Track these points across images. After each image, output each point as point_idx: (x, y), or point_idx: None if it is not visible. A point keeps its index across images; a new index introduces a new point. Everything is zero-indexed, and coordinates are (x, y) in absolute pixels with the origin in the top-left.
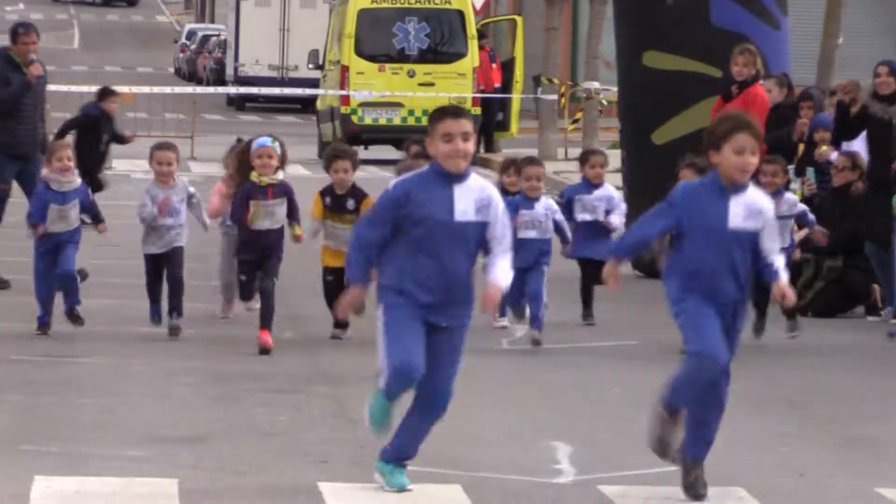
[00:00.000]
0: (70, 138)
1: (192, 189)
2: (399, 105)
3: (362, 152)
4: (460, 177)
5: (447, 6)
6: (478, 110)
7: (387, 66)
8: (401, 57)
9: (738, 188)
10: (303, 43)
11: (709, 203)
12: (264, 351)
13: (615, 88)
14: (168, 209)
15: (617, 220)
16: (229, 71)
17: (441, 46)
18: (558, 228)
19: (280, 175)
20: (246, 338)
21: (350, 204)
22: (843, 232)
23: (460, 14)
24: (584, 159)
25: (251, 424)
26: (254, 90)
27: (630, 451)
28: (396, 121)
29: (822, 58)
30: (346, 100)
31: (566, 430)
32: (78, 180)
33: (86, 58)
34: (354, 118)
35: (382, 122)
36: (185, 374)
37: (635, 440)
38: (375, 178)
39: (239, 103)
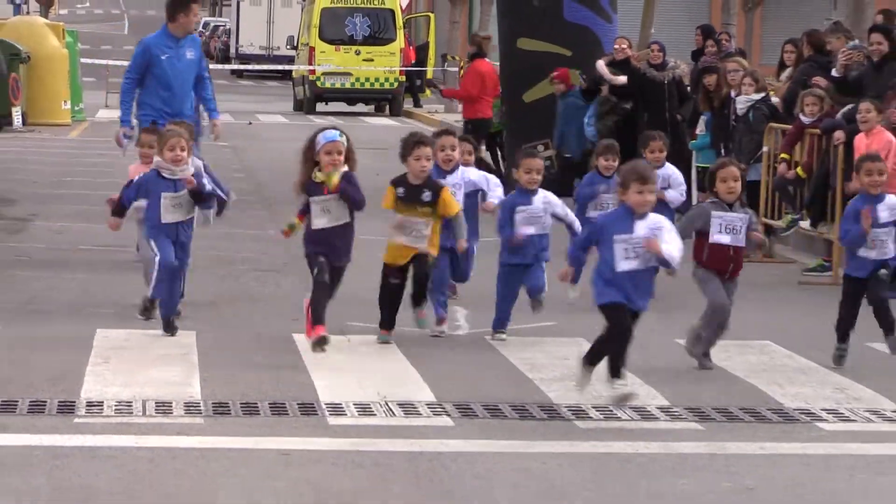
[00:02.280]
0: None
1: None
2: (349, 74)
3: (323, 106)
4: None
5: (382, 6)
6: (403, 77)
7: (341, 47)
8: (350, 41)
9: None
10: (283, 31)
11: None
12: (318, 344)
13: (498, 63)
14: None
15: (674, 194)
16: (232, 51)
17: (378, 34)
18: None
19: (340, 171)
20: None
21: (426, 195)
22: None
23: (391, 11)
24: (644, 144)
25: (244, 292)
26: (249, 66)
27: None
28: (347, 85)
29: (640, 43)
30: (313, 71)
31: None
32: (191, 168)
33: (132, 40)
34: (318, 83)
35: (338, 85)
36: (201, 260)
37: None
38: (334, 125)
39: (239, 73)
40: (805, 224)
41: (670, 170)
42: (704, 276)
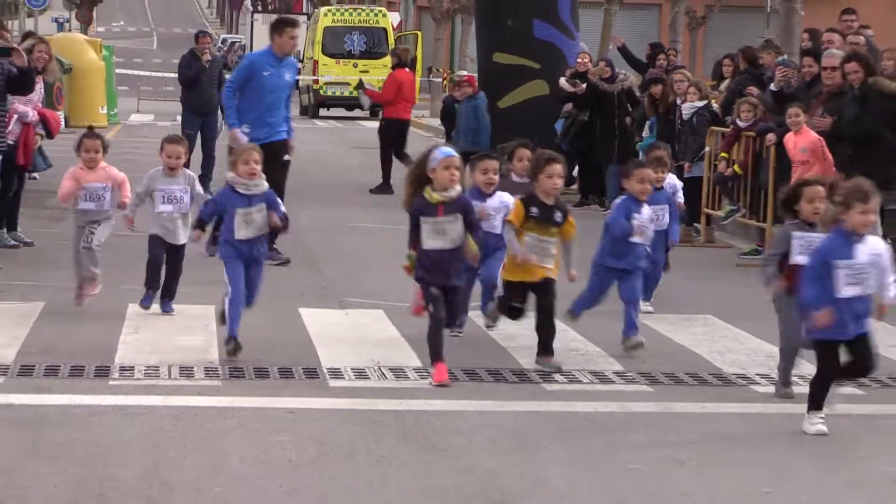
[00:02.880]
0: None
1: (198, 186)
2: (347, 84)
3: (325, 111)
4: None
5: (376, 25)
6: None
7: (341, 60)
8: (349, 55)
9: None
10: None
11: None
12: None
13: (476, 74)
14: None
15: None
16: None
17: (373, 49)
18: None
19: (455, 190)
20: None
21: (558, 216)
22: None
23: (384, 29)
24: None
25: None
26: None
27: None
28: (346, 93)
29: (600, 58)
30: (316, 81)
31: None
32: (265, 184)
33: (161, 54)
34: (321, 91)
35: (338, 94)
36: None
37: None
38: (334, 128)
39: None
40: (740, 215)
41: (673, 178)
42: (784, 306)
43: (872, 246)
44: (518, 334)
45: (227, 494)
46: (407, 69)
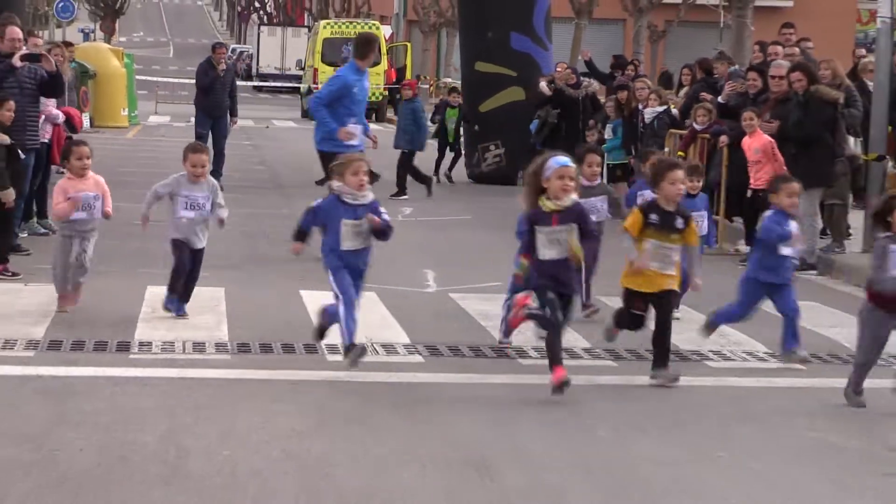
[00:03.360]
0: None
1: (220, 196)
2: None
3: None
4: None
5: None
6: (386, 92)
7: (337, 68)
8: (345, 62)
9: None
10: (293, 55)
11: None
12: (558, 388)
13: (459, 82)
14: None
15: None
16: (253, 70)
17: None
18: None
19: (570, 199)
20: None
21: (679, 223)
22: None
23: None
24: (581, 158)
25: (263, 257)
26: (267, 82)
27: (469, 273)
28: None
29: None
30: (316, 87)
31: (434, 263)
32: (371, 195)
33: (176, 62)
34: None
35: None
36: (230, 233)
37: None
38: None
39: (258, 88)
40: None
41: (606, 187)
42: (869, 319)
43: None
44: (496, 314)
45: (235, 457)
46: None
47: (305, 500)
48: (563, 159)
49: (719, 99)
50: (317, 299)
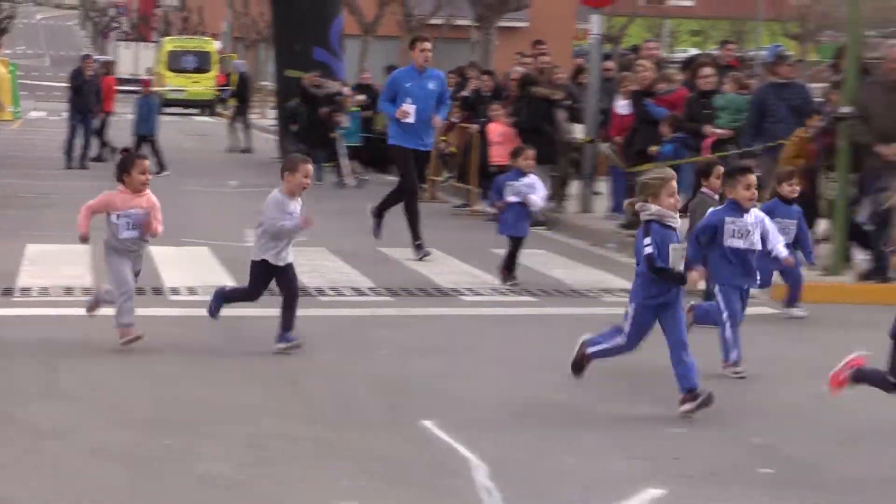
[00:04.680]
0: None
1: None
2: (184, 90)
3: (169, 110)
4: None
5: (204, 49)
6: (216, 93)
7: (179, 74)
8: (185, 70)
9: None
10: (144, 63)
11: None
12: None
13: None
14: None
15: (537, 199)
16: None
17: (202, 66)
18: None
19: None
20: None
21: None
22: None
23: (209, 52)
24: (517, 153)
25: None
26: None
27: None
28: (183, 97)
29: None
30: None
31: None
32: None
33: (52, 69)
34: (166, 96)
35: (178, 97)
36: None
37: None
38: (174, 121)
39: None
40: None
41: (534, 178)
42: None
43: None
44: (441, 271)
45: (101, 377)
46: (112, 75)
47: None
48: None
49: (463, 92)
50: (163, 252)
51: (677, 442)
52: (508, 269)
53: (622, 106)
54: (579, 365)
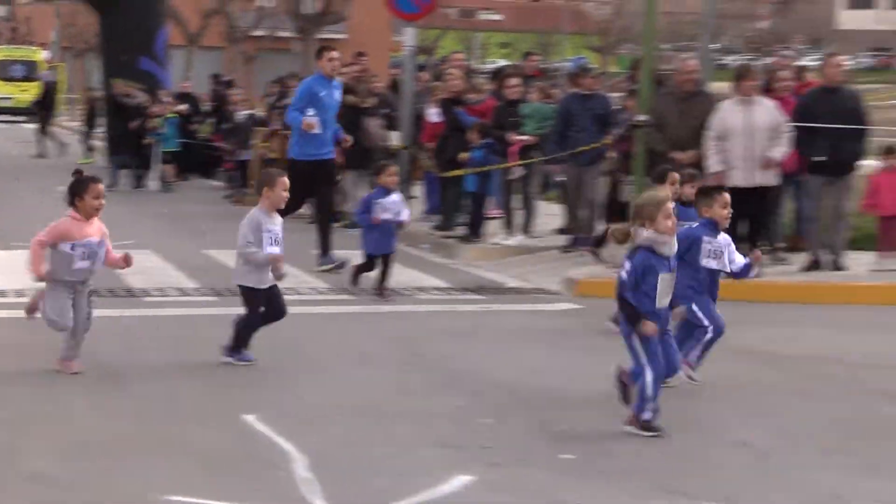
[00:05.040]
0: None
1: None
2: (12, 97)
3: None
4: None
5: (31, 59)
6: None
7: (8, 82)
8: (13, 79)
9: None
10: None
11: None
12: None
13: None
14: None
15: (408, 217)
16: None
17: (29, 75)
18: None
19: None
20: None
21: None
22: None
23: (37, 62)
24: (381, 169)
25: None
26: None
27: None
28: (10, 104)
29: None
30: None
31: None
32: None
33: None
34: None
35: (6, 105)
36: None
37: None
38: (11, 126)
39: None
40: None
41: (399, 195)
42: None
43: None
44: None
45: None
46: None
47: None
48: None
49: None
50: None
51: (486, 431)
52: (383, 286)
53: (433, 114)
54: (624, 394)
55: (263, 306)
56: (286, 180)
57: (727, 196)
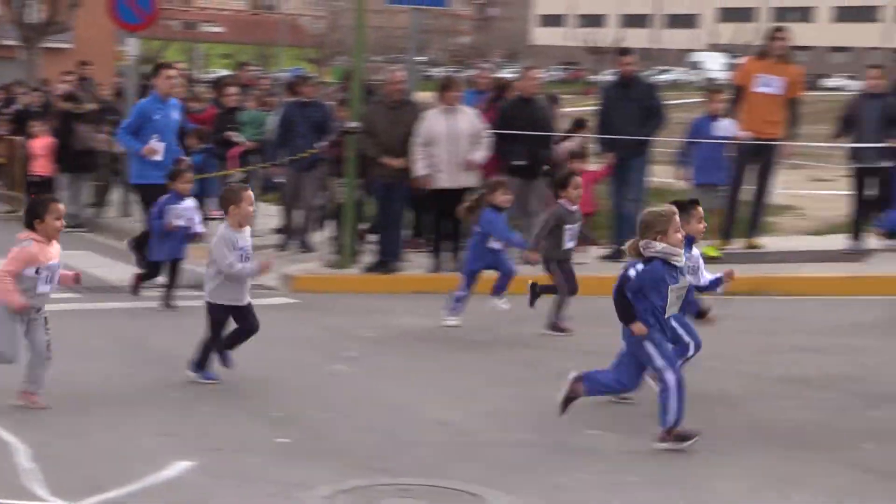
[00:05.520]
0: None
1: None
2: None
3: None
4: None
5: None
6: None
7: None
8: None
9: None
10: None
11: None
12: None
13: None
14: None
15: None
16: None
17: None
18: None
19: None
20: None
21: None
22: None
23: None
24: (175, 175)
25: None
26: None
27: None
28: None
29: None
30: None
31: None
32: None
33: None
34: None
35: None
36: None
37: None
38: None
39: None
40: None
41: (193, 201)
42: None
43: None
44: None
45: None
46: None
47: None
48: None
49: (14, 106)
50: None
51: (206, 419)
52: (171, 295)
53: None
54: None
55: (239, 322)
56: (251, 195)
57: (701, 210)
